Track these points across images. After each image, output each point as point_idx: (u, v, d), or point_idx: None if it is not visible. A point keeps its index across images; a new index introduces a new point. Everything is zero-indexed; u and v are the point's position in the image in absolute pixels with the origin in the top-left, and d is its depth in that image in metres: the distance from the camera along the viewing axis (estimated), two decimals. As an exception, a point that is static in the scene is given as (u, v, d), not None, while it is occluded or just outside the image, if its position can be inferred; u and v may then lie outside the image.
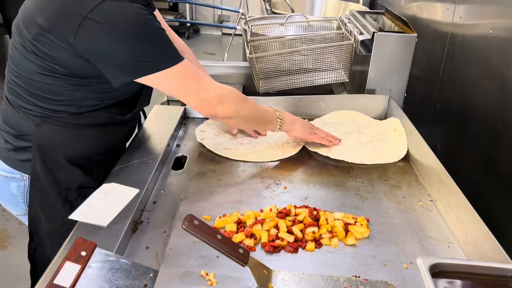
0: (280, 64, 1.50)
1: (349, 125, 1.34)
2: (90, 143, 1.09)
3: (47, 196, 1.07)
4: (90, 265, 0.75)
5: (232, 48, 2.49)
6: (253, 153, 1.19)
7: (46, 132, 1.02)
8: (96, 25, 0.87)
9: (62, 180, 1.07)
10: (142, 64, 0.93)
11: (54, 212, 1.09)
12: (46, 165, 1.06)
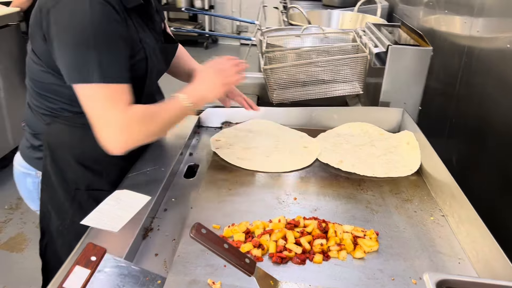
0: (294, 76, 1.51)
1: (362, 137, 1.33)
2: (92, 141, 1.07)
3: (56, 194, 1.11)
4: (100, 270, 0.77)
5: (250, 58, 2.51)
6: (266, 164, 1.20)
7: (55, 131, 1.06)
8: (53, 22, 0.90)
9: (71, 179, 1.10)
10: (79, 70, 0.91)
11: (63, 210, 1.13)
12: (56, 164, 1.09)
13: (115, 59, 0.94)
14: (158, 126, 1.02)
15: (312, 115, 1.42)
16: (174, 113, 1.04)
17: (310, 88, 1.54)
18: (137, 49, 1.02)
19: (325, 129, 1.39)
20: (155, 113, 1.01)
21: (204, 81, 1.09)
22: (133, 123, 0.96)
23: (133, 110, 0.97)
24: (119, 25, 0.94)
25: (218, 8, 6.48)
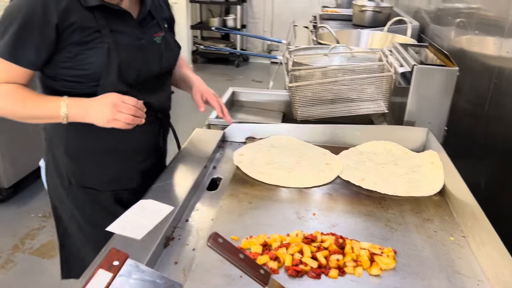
0: (319, 93, 1.53)
1: (385, 156, 1.33)
2: (85, 137, 1.14)
3: (56, 186, 1.23)
4: (121, 274, 0.80)
5: (279, 76, 2.55)
6: (287, 179, 1.21)
7: (51, 124, 1.15)
8: None
9: (66, 173, 1.19)
10: None
11: (64, 202, 1.24)
12: (53, 155, 1.20)
13: (18, 42, 1.00)
14: (20, 114, 1.07)
15: (336, 132, 1.43)
16: (44, 113, 1.06)
17: (335, 106, 1.55)
18: (92, 38, 1.05)
19: (348, 146, 1.40)
20: (23, 100, 1.05)
21: (97, 105, 1.05)
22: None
23: (2, 87, 1.04)
24: (40, 18, 0.99)
25: (250, 27, 6.61)
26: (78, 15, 1.03)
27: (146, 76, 1.16)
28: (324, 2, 5.19)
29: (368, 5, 3.23)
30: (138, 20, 1.16)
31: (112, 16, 1.09)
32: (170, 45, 1.25)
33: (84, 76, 1.07)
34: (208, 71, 6.14)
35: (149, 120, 1.19)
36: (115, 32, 1.09)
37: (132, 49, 1.12)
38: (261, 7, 6.53)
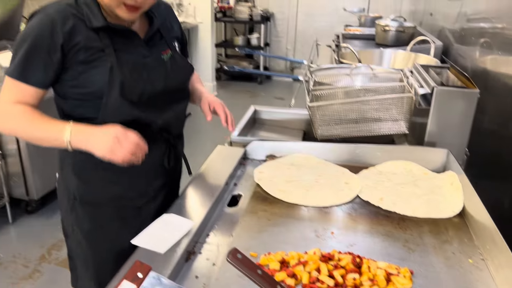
0: (340, 113, 1.55)
1: (404, 176, 1.34)
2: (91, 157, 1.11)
3: (62, 200, 1.28)
4: (144, 286, 0.83)
5: (301, 93, 2.59)
6: (306, 197, 1.23)
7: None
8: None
9: (71, 187, 1.23)
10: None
11: (67, 217, 1.28)
12: (62, 171, 1.25)
13: (28, 63, 1.07)
14: (28, 135, 1.12)
15: (356, 152, 1.45)
16: (49, 137, 1.09)
17: (356, 126, 1.57)
18: (96, 57, 1.09)
19: (367, 166, 1.41)
20: (31, 123, 1.09)
21: (99, 135, 1.06)
22: (3, 116, 1.11)
23: (11, 107, 1.08)
24: (48, 40, 1.05)
25: (274, 45, 6.71)
26: (83, 35, 1.08)
27: (150, 94, 1.16)
28: (347, 21, 5.23)
29: (391, 25, 3.24)
30: (145, 39, 1.19)
31: (118, 36, 1.13)
32: (179, 63, 1.26)
33: (89, 94, 1.11)
34: (231, 88, 6.24)
35: (153, 139, 1.20)
36: (120, 51, 1.12)
37: (135, 67, 1.14)
38: (284, 26, 6.63)
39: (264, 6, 6.50)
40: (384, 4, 6.06)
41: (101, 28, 1.10)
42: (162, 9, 1.29)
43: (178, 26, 1.35)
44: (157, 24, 1.22)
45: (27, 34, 1.07)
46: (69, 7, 1.09)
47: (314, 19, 6.40)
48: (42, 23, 1.06)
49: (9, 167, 2.73)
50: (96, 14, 1.10)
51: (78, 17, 1.09)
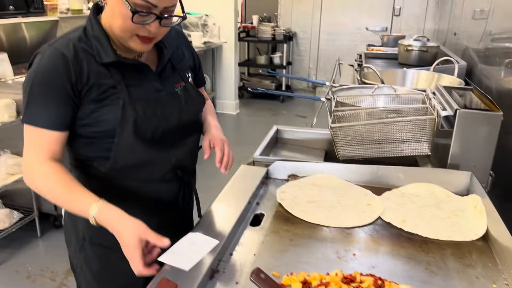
0: (362, 134, 1.56)
1: (427, 198, 1.34)
2: (103, 194, 1.07)
3: (70, 238, 1.25)
4: (170, 302, 0.86)
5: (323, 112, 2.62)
6: (328, 218, 1.25)
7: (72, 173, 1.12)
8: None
9: (81, 227, 1.19)
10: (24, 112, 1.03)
11: (75, 256, 1.25)
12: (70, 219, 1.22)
13: (41, 105, 1.01)
14: (52, 199, 1.03)
15: (378, 173, 1.46)
16: (73, 207, 1.02)
17: (378, 147, 1.58)
18: (108, 95, 1.05)
19: (390, 187, 1.41)
20: (56, 190, 1.01)
21: (125, 226, 0.97)
22: (28, 171, 1.03)
23: (41, 168, 1.02)
24: (62, 77, 1.00)
25: (296, 64, 6.78)
26: (94, 72, 1.04)
27: (164, 130, 1.13)
28: (369, 40, 5.25)
29: (414, 45, 3.25)
30: (157, 72, 1.14)
31: (129, 70, 1.08)
32: (192, 96, 1.21)
33: (100, 133, 1.07)
34: (253, 106, 6.31)
35: (168, 178, 1.19)
36: (132, 86, 1.08)
37: (149, 103, 1.10)
38: (307, 45, 6.69)
39: (287, 25, 6.60)
40: (406, 23, 6.07)
41: (112, 63, 1.06)
42: (172, 36, 1.22)
43: (190, 53, 1.30)
44: (168, 54, 1.18)
45: (38, 74, 1.01)
46: (79, 42, 1.05)
47: (336, 38, 6.45)
48: (53, 60, 1.01)
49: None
50: (106, 48, 1.05)
51: (88, 52, 1.04)
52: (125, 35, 1.03)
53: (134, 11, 0.97)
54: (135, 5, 0.97)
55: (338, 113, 1.62)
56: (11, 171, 2.67)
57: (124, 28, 1.01)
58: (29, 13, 3.16)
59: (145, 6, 0.98)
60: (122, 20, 1.00)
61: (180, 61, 1.23)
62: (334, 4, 6.36)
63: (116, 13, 1.00)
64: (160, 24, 1.02)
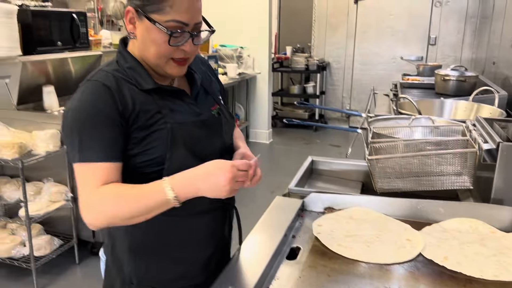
0: (401, 167, 1.54)
1: (470, 235, 1.29)
2: (150, 232, 1.08)
3: (113, 284, 1.18)
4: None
5: (358, 141, 2.60)
6: (366, 253, 1.22)
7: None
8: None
9: (127, 271, 1.14)
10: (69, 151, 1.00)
11: None
12: (114, 253, 1.16)
13: (94, 139, 0.99)
14: (127, 210, 0.98)
15: (418, 207, 1.42)
16: (150, 204, 0.97)
17: (417, 180, 1.54)
18: (155, 120, 1.05)
19: (430, 222, 1.37)
20: (125, 197, 0.98)
21: (206, 177, 0.96)
22: (89, 208, 0.98)
23: (100, 191, 0.97)
24: (110, 107, 0.99)
25: (329, 93, 6.79)
26: (138, 99, 1.04)
27: (210, 152, 1.12)
28: (404, 69, 5.21)
29: (452, 75, 3.20)
30: (193, 96, 1.16)
31: (169, 96, 1.10)
32: (227, 117, 1.23)
33: (150, 161, 1.05)
34: (286, 135, 6.33)
35: (215, 206, 1.16)
36: (174, 111, 1.08)
37: (195, 126, 1.11)
38: (340, 74, 6.71)
39: (320, 56, 6.66)
40: (442, 52, 6.00)
41: (153, 90, 1.07)
42: (197, 62, 1.25)
43: (216, 78, 1.32)
44: (199, 79, 1.19)
45: (83, 109, 1.00)
46: (116, 72, 1.05)
47: (371, 68, 6.44)
48: (96, 93, 1.01)
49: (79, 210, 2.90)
50: (144, 76, 1.07)
51: (128, 81, 1.05)
52: (161, 61, 1.05)
53: (171, 33, 1.00)
54: (169, 28, 1.00)
55: (375, 144, 1.60)
56: (53, 198, 2.77)
57: (160, 54, 1.03)
58: (75, 48, 3.35)
59: (178, 26, 1.01)
60: (157, 46, 1.02)
61: (210, 85, 1.25)
62: (368, 34, 6.38)
63: (149, 42, 1.03)
64: (193, 43, 1.05)
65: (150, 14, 1.00)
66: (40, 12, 3.09)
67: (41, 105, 2.94)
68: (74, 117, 1.00)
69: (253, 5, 5.48)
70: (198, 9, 1.04)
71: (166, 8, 0.99)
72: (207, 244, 1.21)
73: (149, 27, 1.02)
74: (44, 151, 2.65)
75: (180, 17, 1.00)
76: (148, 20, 1.01)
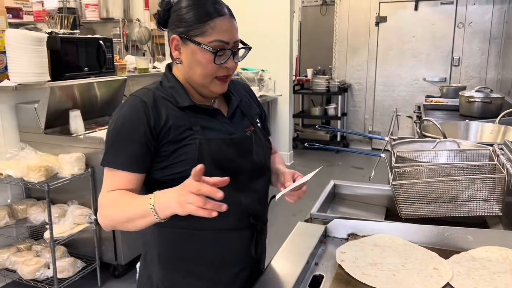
0: (426, 192, 1.50)
1: (501, 264, 1.24)
2: (177, 245, 1.14)
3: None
4: None
5: (381, 163, 2.56)
6: (392, 282, 1.18)
7: (147, 230, 1.17)
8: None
9: (155, 282, 1.19)
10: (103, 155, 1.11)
11: None
12: (146, 263, 1.23)
13: (120, 149, 1.09)
14: (120, 217, 1.04)
15: (445, 234, 1.38)
16: (135, 212, 1.01)
17: (444, 206, 1.50)
18: (185, 136, 1.11)
19: (458, 250, 1.33)
20: (120, 203, 1.05)
21: (173, 191, 0.97)
22: (101, 207, 1.09)
23: (108, 195, 1.08)
24: (142, 121, 1.08)
25: (351, 115, 6.75)
26: (172, 115, 1.12)
27: (237, 169, 1.16)
28: (427, 91, 5.16)
29: (477, 96, 3.15)
30: (228, 116, 1.22)
31: (203, 114, 1.17)
32: (261, 138, 1.27)
33: (177, 175, 1.10)
34: (307, 157, 6.29)
35: (240, 226, 1.19)
36: (206, 128, 1.14)
37: (223, 143, 1.15)
38: (362, 96, 6.69)
39: (341, 78, 6.66)
40: (466, 73, 5.92)
41: (188, 107, 1.15)
42: (240, 88, 1.35)
43: (257, 103, 1.38)
44: (236, 101, 1.26)
45: (120, 119, 1.11)
46: (156, 90, 1.16)
47: (393, 89, 6.40)
48: (134, 107, 1.11)
49: (102, 233, 2.94)
50: (182, 94, 1.16)
51: (166, 99, 1.14)
52: (206, 80, 1.14)
53: (216, 52, 1.10)
54: (212, 47, 1.10)
55: (399, 169, 1.58)
56: (77, 221, 2.81)
57: (206, 73, 1.13)
58: (101, 73, 3.45)
59: (220, 45, 1.11)
60: (203, 67, 1.12)
61: (248, 108, 1.31)
62: (389, 56, 6.37)
63: (195, 64, 1.13)
64: (233, 60, 1.14)
65: (195, 38, 1.10)
66: (68, 39, 3.21)
67: (67, 129, 3.01)
68: (112, 126, 1.12)
69: (274, 29, 5.56)
70: (236, 28, 1.14)
71: (208, 30, 1.10)
72: (233, 263, 1.23)
73: (195, 50, 1.11)
74: (69, 174, 2.71)
75: (221, 36, 1.10)
76: (194, 43, 1.11)
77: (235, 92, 1.29)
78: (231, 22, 1.13)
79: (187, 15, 1.11)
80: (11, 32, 2.78)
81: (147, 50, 4.99)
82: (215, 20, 1.10)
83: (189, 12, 1.11)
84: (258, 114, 1.35)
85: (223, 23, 1.11)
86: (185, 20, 1.11)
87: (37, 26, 4.23)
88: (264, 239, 1.34)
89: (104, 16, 4.61)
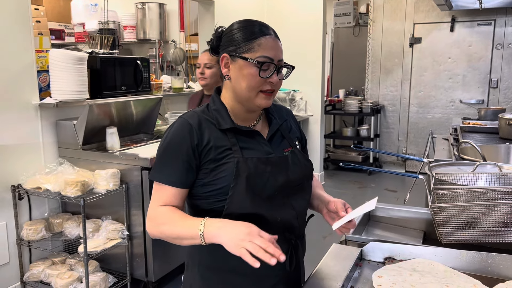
0: (466, 216, 1.44)
1: (552, 295, 1.16)
2: (217, 257, 1.21)
3: None
4: None
5: (416, 187, 2.49)
6: (432, 309, 1.13)
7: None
8: None
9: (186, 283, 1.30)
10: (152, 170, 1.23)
11: None
12: (188, 275, 1.32)
13: (167, 166, 1.20)
14: (167, 232, 1.17)
15: (488, 261, 1.31)
16: (185, 232, 1.13)
17: (486, 231, 1.44)
18: (225, 155, 1.20)
19: (503, 279, 1.26)
20: (172, 221, 1.17)
21: (231, 227, 1.07)
22: (149, 220, 1.20)
23: (157, 210, 1.19)
24: (186, 141, 1.19)
25: (384, 136, 6.64)
26: (213, 136, 1.21)
27: (273, 187, 1.22)
28: (463, 113, 5.02)
29: (517, 118, 3.04)
30: (267, 138, 1.30)
31: (243, 135, 1.25)
32: (299, 158, 1.32)
33: (217, 191, 1.20)
34: (339, 178, 6.20)
35: (277, 240, 1.20)
36: (245, 148, 1.23)
37: (260, 162, 1.22)
38: (395, 118, 6.59)
39: (374, 98, 6.59)
40: (505, 95, 5.74)
41: (229, 129, 1.23)
42: (283, 112, 1.43)
43: (298, 128, 1.45)
44: (277, 124, 1.34)
45: (167, 139, 1.23)
46: (202, 113, 1.26)
47: (428, 111, 6.27)
48: (180, 128, 1.22)
49: (134, 249, 2.97)
50: (224, 117, 1.25)
51: (209, 121, 1.24)
52: (252, 93, 1.21)
53: (261, 65, 1.18)
54: (259, 62, 1.19)
55: (438, 192, 1.52)
56: (110, 236, 2.85)
57: (251, 86, 1.20)
58: (138, 91, 3.54)
59: (265, 60, 1.20)
60: (249, 80, 1.20)
61: (289, 132, 1.38)
62: (424, 77, 6.27)
63: (241, 78, 1.21)
64: (277, 76, 1.23)
65: (243, 54, 1.20)
66: (107, 59, 3.32)
67: (103, 145, 3.09)
68: (161, 144, 1.25)
69: (307, 50, 5.59)
70: (280, 48, 1.24)
71: (255, 47, 1.20)
72: (268, 276, 1.26)
73: (242, 65, 1.21)
74: (105, 189, 2.76)
75: (267, 53, 1.20)
76: (241, 58, 1.20)
77: (277, 116, 1.36)
78: (276, 42, 1.22)
79: (237, 35, 1.22)
80: (55, 52, 2.91)
81: (182, 70, 5.10)
82: (261, 38, 1.20)
83: (238, 33, 1.22)
84: (298, 138, 1.41)
85: (268, 41, 1.20)
86: (235, 40, 1.22)
87: (77, 46, 4.42)
88: (301, 255, 1.35)
89: (141, 37, 4.76)
